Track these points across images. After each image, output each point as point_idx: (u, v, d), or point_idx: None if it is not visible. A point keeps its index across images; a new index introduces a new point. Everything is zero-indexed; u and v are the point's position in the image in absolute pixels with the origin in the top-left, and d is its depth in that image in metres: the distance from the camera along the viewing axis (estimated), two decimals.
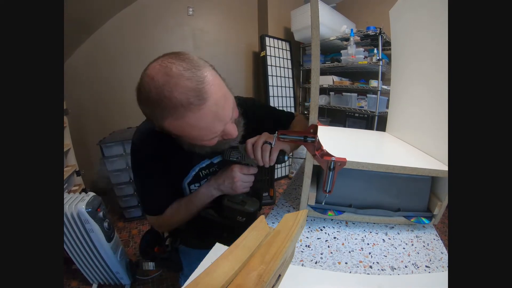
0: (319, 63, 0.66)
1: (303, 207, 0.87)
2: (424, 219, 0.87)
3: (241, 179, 0.76)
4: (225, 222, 0.81)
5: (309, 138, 0.66)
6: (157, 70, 0.54)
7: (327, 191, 0.65)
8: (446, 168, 0.79)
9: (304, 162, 0.78)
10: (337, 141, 1.09)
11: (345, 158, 0.61)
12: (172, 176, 0.82)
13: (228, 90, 0.63)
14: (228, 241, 0.64)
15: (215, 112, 0.57)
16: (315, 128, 0.65)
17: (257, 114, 0.91)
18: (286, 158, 0.74)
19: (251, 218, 0.73)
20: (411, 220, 0.86)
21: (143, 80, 0.55)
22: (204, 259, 0.71)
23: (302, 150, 2.95)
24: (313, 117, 0.71)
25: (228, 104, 0.61)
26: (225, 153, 0.79)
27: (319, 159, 0.63)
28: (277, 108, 1.02)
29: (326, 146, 0.71)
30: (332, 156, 0.62)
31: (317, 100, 0.70)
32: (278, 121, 1.00)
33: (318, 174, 0.93)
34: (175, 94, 0.52)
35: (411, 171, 0.78)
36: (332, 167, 0.62)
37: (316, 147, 0.66)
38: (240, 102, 0.76)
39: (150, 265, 1.07)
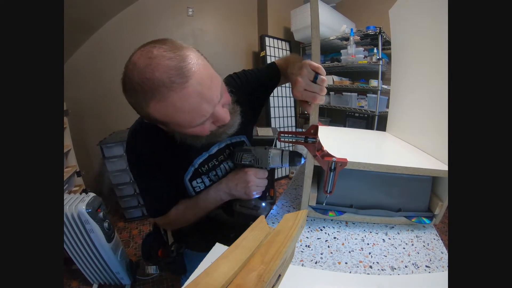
0: (320, 62, 0.66)
1: (304, 207, 0.87)
2: (425, 219, 0.87)
3: (255, 183, 0.74)
4: (237, 223, 0.78)
5: (310, 138, 0.66)
6: (139, 56, 0.53)
7: (328, 191, 0.65)
8: (446, 168, 0.79)
9: (305, 163, 0.78)
10: (337, 141, 1.09)
11: (346, 159, 0.61)
12: (172, 173, 0.78)
13: (215, 72, 0.62)
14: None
15: (199, 91, 0.54)
16: (315, 129, 0.65)
17: (252, 89, 0.90)
18: (302, 160, 0.73)
19: None
20: (412, 220, 0.86)
21: (127, 68, 0.54)
22: (204, 259, 0.71)
23: (302, 150, 2.95)
24: (314, 118, 0.71)
25: (215, 85, 0.58)
26: (235, 156, 0.76)
27: (319, 160, 0.63)
28: (259, 70, 0.96)
29: (327, 146, 0.71)
30: (333, 156, 0.62)
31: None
32: (269, 85, 0.97)
33: (318, 175, 0.93)
34: (157, 74, 0.50)
35: (413, 171, 0.78)
36: (333, 167, 0.61)
37: (317, 148, 0.66)
38: (232, 87, 0.76)
39: (153, 269, 1.05)
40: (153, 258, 0.97)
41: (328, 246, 0.80)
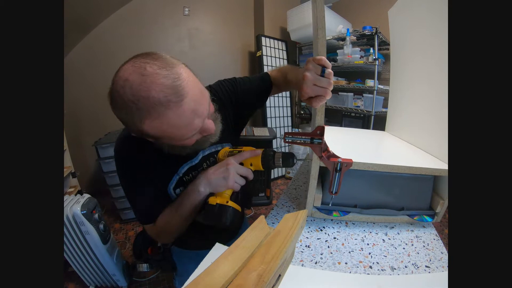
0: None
1: (309, 208, 0.87)
2: (426, 217, 0.88)
3: (236, 170, 0.70)
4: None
5: (316, 139, 0.65)
6: (130, 71, 0.51)
7: (334, 192, 0.65)
8: (447, 166, 0.80)
9: (304, 163, 0.78)
10: (338, 141, 1.09)
11: (351, 159, 0.61)
12: (157, 182, 0.77)
13: (203, 85, 0.62)
14: (222, 239, 0.72)
15: (193, 108, 0.56)
16: (321, 130, 0.64)
17: (238, 98, 0.89)
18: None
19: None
20: (414, 218, 0.86)
21: (116, 84, 0.53)
22: (204, 259, 0.70)
23: (298, 150, 2.95)
24: (320, 119, 0.71)
25: (204, 100, 0.60)
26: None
27: (325, 161, 0.63)
28: (250, 78, 0.94)
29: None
30: (338, 157, 0.62)
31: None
32: (259, 95, 0.94)
33: (322, 175, 0.92)
34: (153, 93, 0.50)
35: (416, 170, 0.79)
36: (338, 168, 0.62)
37: (322, 149, 0.65)
38: (218, 92, 0.83)
39: (144, 267, 1.08)
40: (143, 256, 0.97)
41: (328, 246, 0.80)
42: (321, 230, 0.86)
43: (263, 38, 3.20)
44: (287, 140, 0.67)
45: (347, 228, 0.88)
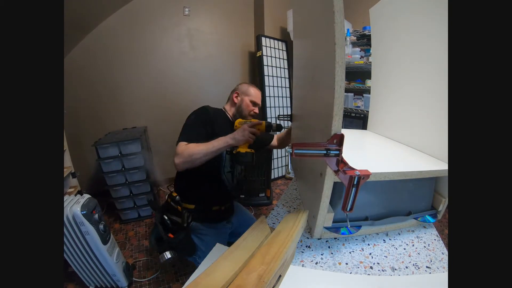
0: (344, 55, 0.54)
1: (319, 230, 0.78)
2: (429, 218, 0.87)
3: (249, 130, 1.07)
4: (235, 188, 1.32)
5: (333, 151, 0.57)
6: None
7: (348, 209, 0.56)
8: (446, 166, 0.79)
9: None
10: None
11: (368, 171, 0.53)
12: (214, 136, 1.12)
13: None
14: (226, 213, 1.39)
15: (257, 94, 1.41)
16: (339, 139, 0.56)
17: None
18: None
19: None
20: (418, 219, 0.86)
21: (242, 85, 1.43)
22: (204, 259, 0.70)
23: None
24: (337, 124, 0.57)
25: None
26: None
27: (342, 176, 0.54)
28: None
29: None
30: (355, 169, 0.54)
31: (342, 102, 0.55)
32: None
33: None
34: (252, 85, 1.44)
35: (426, 174, 0.76)
36: (355, 182, 0.53)
37: (339, 161, 0.57)
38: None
39: (167, 254, 1.17)
40: (165, 243, 1.18)
41: (329, 247, 0.80)
42: None
43: (263, 38, 3.20)
44: (296, 153, 0.59)
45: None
